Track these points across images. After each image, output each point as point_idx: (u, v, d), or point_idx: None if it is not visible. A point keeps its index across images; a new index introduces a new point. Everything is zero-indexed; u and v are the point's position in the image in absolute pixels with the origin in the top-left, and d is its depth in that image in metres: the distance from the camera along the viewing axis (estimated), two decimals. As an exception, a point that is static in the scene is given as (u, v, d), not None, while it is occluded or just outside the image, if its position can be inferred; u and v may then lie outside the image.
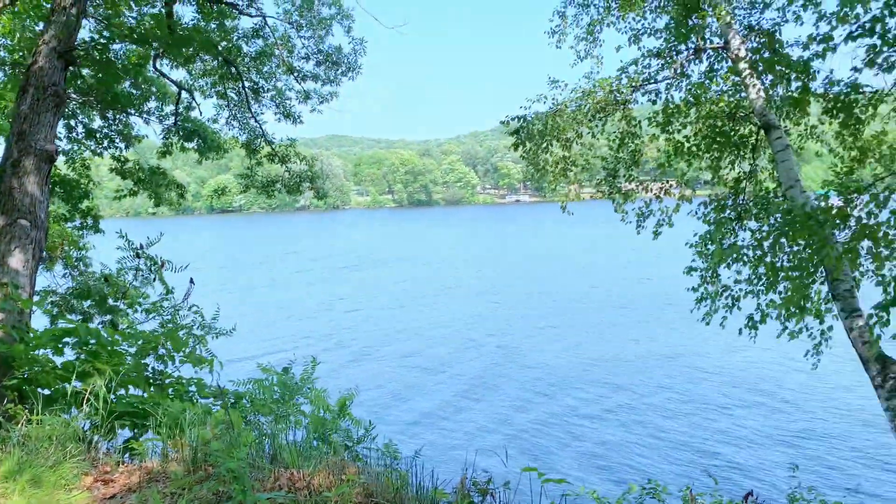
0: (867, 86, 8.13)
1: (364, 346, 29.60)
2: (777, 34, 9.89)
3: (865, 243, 7.94)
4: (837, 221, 7.90)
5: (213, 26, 13.32)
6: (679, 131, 10.97)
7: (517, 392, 22.03)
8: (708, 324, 10.28)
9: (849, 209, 7.94)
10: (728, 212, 10.31)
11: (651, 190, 11.55)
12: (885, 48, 7.18)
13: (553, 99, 10.93)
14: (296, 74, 15.97)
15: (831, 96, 8.25)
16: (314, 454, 5.66)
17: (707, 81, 10.63)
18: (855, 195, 7.76)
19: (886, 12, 7.03)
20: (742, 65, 9.51)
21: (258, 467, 4.95)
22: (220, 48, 13.30)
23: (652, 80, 10.78)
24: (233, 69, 14.99)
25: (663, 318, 32.67)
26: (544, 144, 11.01)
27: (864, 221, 7.74)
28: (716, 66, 10.61)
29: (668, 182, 11.66)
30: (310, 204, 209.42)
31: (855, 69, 7.83)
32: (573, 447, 17.01)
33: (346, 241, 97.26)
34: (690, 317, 11.47)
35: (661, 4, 10.76)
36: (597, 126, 11.21)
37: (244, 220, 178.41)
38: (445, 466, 14.20)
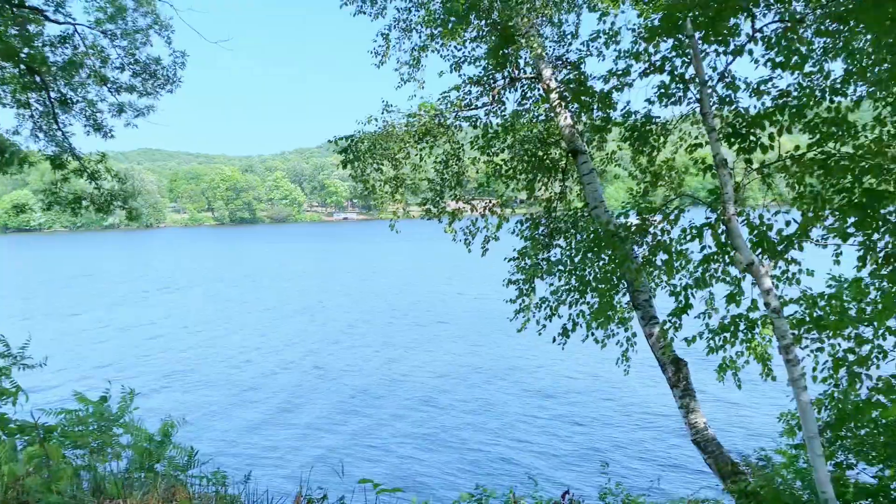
0: (658, 117, 9.10)
1: (180, 371, 28.28)
2: (582, 67, 10.81)
3: (660, 256, 8.88)
4: (636, 238, 8.78)
5: (14, 31, 12.30)
6: (497, 154, 11.63)
7: (337, 410, 22.10)
8: (520, 331, 10.97)
9: (646, 227, 8.84)
10: (542, 229, 11.08)
11: (476, 209, 12.12)
12: (672, 84, 8.10)
13: (384, 121, 11.20)
14: (109, 86, 15.08)
15: (629, 125, 9.11)
16: (138, 485, 5.44)
17: (521, 109, 11.39)
18: (650, 214, 8.64)
19: (674, 53, 7.94)
20: (552, 94, 10.30)
21: (79, 500, 4.70)
22: (22, 55, 12.29)
23: (472, 106, 11.35)
24: (37, 78, 13.89)
25: (483, 330, 33.93)
26: (374, 164, 11.25)
27: (659, 238, 8.65)
28: (529, 95, 11.40)
29: (490, 201, 12.27)
30: (120, 222, 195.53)
31: (648, 101, 8.73)
32: (393, 462, 17.28)
33: (159, 261, 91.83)
34: (508, 329, 12.10)
35: (480, 34, 11.38)
36: (425, 149, 11.61)
37: (45, 240, 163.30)
38: (278, 486, 13.95)
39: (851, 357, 7.07)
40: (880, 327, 6.91)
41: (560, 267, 10.29)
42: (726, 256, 7.42)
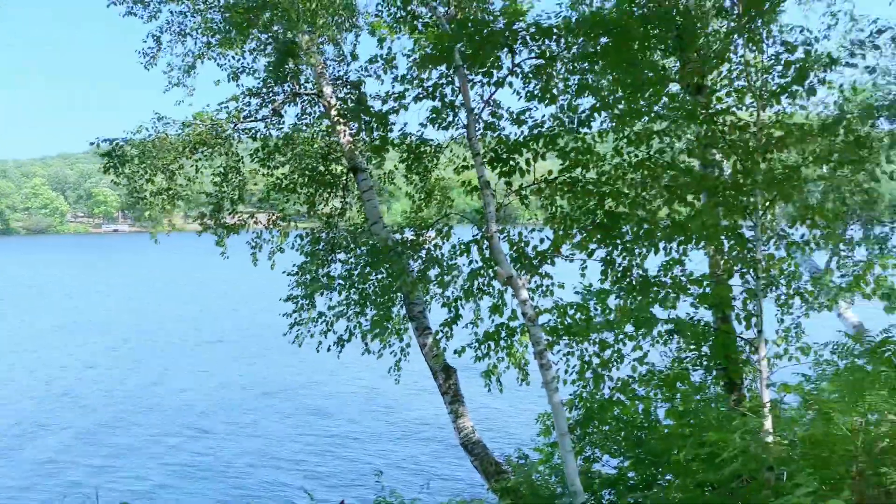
0: (432, 139, 9.63)
1: None
2: (362, 87, 11.13)
3: (434, 270, 9.37)
4: (412, 252, 9.22)
5: None
6: (278, 168, 11.60)
7: (89, 440, 20.30)
8: (300, 346, 11.01)
9: (421, 242, 9.30)
10: (322, 244, 11.21)
11: (259, 222, 11.96)
12: (443, 109, 8.62)
13: (155, 129, 10.71)
14: None
15: (405, 145, 9.53)
16: None
17: (302, 123, 11.48)
18: (424, 230, 9.12)
19: (443, 80, 8.47)
20: (333, 112, 10.51)
21: None
22: None
23: (252, 118, 11.24)
24: None
25: (257, 349, 32.71)
26: (146, 174, 10.72)
27: (432, 252, 9.15)
28: (309, 111, 11.51)
29: (273, 214, 12.17)
30: None
31: (422, 124, 9.20)
32: (154, 490, 16.44)
33: None
34: (284, 347, 11.88)
35: (261, 46, 11.32)
36: (201, 160, 11.26)
37: None
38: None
39: (596, 360, 7.86)
40: (619, 333, 7.79)
41: (340, 281, 10.45)
42: (490, 270, 8.01)
